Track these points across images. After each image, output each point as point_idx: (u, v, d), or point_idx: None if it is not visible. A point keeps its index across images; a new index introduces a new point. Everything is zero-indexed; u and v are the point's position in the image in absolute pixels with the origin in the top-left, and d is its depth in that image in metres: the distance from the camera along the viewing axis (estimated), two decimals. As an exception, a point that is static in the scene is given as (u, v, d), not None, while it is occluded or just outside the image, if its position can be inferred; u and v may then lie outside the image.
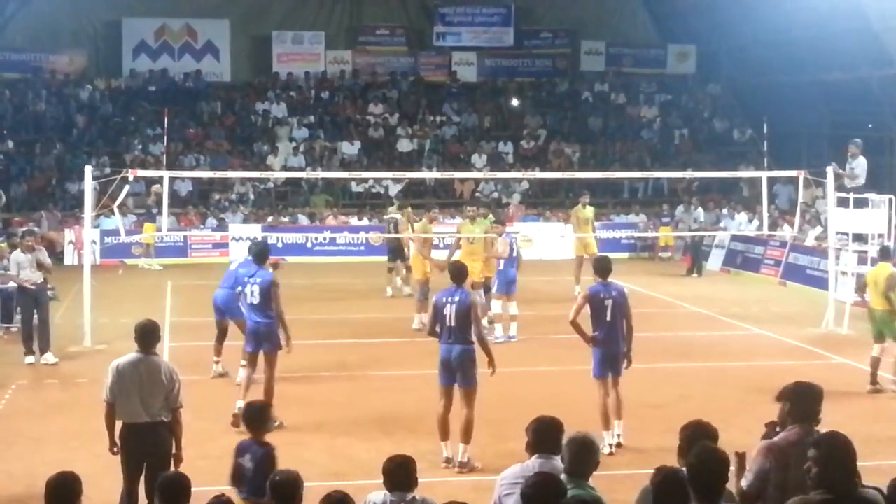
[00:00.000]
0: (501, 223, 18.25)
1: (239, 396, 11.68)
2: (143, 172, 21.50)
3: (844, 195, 18.54)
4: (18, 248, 15.99)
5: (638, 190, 32.15)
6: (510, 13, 35.72)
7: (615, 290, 11.15)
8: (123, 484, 8.33)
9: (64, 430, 11.75)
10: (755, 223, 25.71)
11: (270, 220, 28.49)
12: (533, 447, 6.43)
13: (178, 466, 8.02)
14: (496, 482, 6.47)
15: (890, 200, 18.35)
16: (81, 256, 21.74)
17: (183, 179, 28.77)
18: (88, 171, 17.15)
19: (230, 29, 34.03)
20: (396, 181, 29.67)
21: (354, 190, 31.32)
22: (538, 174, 28.51)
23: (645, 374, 13.40)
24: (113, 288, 21.25)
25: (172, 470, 7.51)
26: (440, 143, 33.20)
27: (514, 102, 35.37)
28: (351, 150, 32.18)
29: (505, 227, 18.52)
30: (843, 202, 18.62)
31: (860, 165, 18.86)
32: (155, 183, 24.62)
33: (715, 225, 27.36)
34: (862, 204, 18.58)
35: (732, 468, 5.78)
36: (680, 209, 27.81)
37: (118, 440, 8.34)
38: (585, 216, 22.81)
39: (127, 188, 19.21)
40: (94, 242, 22.91)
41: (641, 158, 32.82)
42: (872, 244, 18.37)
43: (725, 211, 28.71)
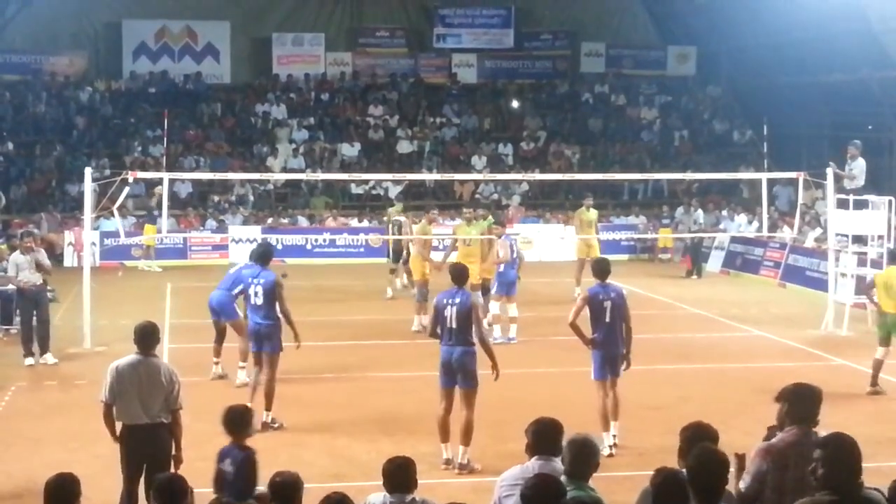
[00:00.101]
0: (501, 225, 18.23)
1: (241, 398, 11.65)
2: (142, 174, 21.53)
3: (844, 197, 18.53)
4: (18, 249, 16.00)
5: (638, 191, 32.14)
6: (510, 15, 35.72)
7: (614, 291, 11.13)
8: (123, 485, 8.33)
9: (63, 431, 11.75)
10: (755, 225, 25.70)
11: (270, 221, 28.48)
12: (533, 449, 6.43)
13: (177, 468, 8.02)
14: (496, 483, 6.48)
15: (890, 202, 18.33)
16: (81, 258, 21.75)
17: (183, 181, 28.77)
18: (88, 172, 17.14)
19: (230, 31, 34.05)
20: (396, 183, 29.67)
21: (354, 192, 31.33)
22: (538, 176, 28.54)
23: (645, 375, 13.40)
24: (112, 290, 21.25)
25: (168, 472, 7.48)
26: (440, 144, 33.20)
27: (514, 104, 35.38)
28: (351, 151, 32.18)
29: (505, 228, 18.50)
30: (842, 204, 18.60)
31: (859, 167, 18.86)
32: (157, 185, 24.61)
33: (715, 226, 27.33)
34: (862, 205, 18.55)
35: (732, 469, 5.77)
36: (680, 211, 27.81)
37: (118, 441, 8.34)
38: (589, 219, 22.77)
39: (127, 190, 19.19)
40: (93, 244, 22.89)
41: (641, 160, 32.80)
42: (872, 246, 18.38)
43: (725, 212, 28.69)
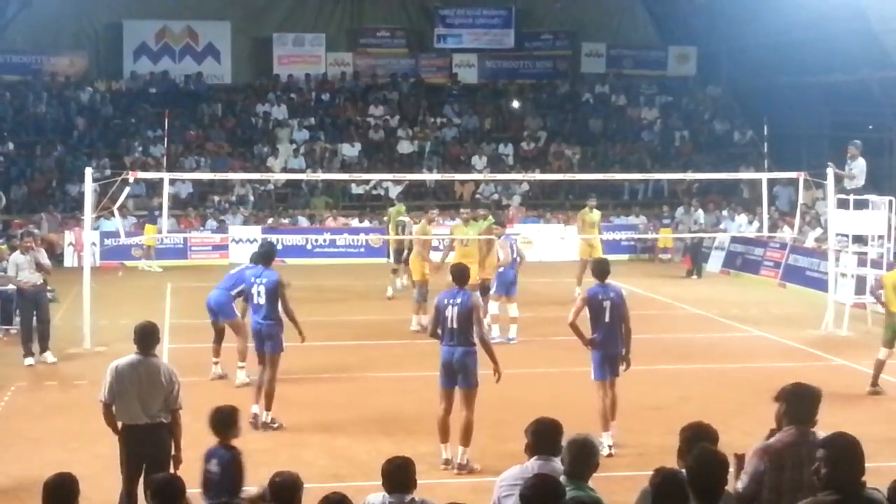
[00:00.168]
0: (501, 225, 18.22)
1: (241, 398, 11.64)
2: (143, 175, 21.52)
3: (844, 197, 18.53)
4: (18, 249, 16.00)
5: (638, 192, 32.13)
6: (511, 15, 35.72)
7: (613, 291, 11.13)
8: (123, 485, 8.32)
9: (63, 431, 11.74)
10: (755, 225, 25.70)
11: (270, 221, 28.47)
12: (532, 449, 6.42)
13: (177, 468, 8.01)
14: (495, 484, 6.47)
15: (890, 202, 18.33)
16: (81, 258, 21.74)
17: (183, 181, 28.77)
18: (89, 173, 17.15)
19: (231, 31, 34.05)
20: (397, 183, 29.67)
21: (354, 192, 31.33)
22: (538, 176, 28.54)
23: (645, 375, 13.40)
24: (112, 290, 21.25)
25: (165, 472, 7.46)
26: (440, 144, 33.20)
27: (514, 104, 35.38)
28: (351, 151, 32.18)
29: (505, 229, 18.49)
30: (843, 204, 18.59)
31: (858, 167, 18.85)
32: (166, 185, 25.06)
33: (715, 226, 27.32)
34: (862, 205, 18.54)
35: (732, 470, 5.76)
36: (680, 211, 27.80)
37: (118, 442, 8.34)
38: (592, 219, 22.71)
39: (127, 190, 19.19)
40: (93, 244, 22.90)
41: (642, 160, 32.80)
42: (872, 246, 18.37)
43: (725, 212, 28.68)
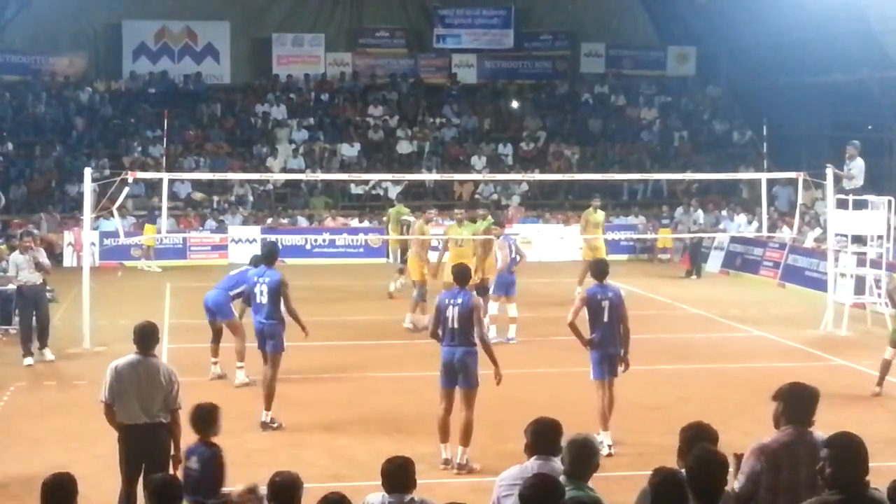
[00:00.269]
0: (500, 225, 18.21)
1: (242, 397, 11.66)
2: (142, 175, 21.52)
3: (844, 197, 18.53)
4: (17, 249, 15.99)
5: (637, 192, 32.12)
6: (510, 15, 35.71)
7: (612, 291, 11.13)
8: (122, 485, 8.32)
9: (62, 431, 11.74)
10: (754, 225, 25.69)
11: (270, 221, 28.46)
12: (532, 448, 6.42)
13: (176, 468, 8.00)
14: (495, 483, 6.46)
15: (889, 202, 18.34)
16: (81, 258, 21.73)
17: (182, 181, 28.77)
18: (88, 173, 17.13)
19: (230, 31, 34.03)
20: (396, 183, 29.67)
21: (354, 192, 31.32)
22: (538, 176, 28.53)
23: (644, 375, 13.39)
24: (112, 290, 21.25)
25: (163, 473, 7.45)
26: (440, 144, 33.19)
27: (513, 104, 35.37)
28: (350, 151, 32.17)
29: (504, 229, 18.48)
30: (842, 204, 18.59)
31: (857, 167, 18.85)
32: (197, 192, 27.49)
33: (714, 227, 27.33)
34: (861, 206, 18.55)
35: (732, 470, 5.76)
36: (679, 211, 27.80)
37: (117, 442, 8.34)
38: (596, 220, 22.66)
39: (126, 190, 19.18)
40: (93, 244, 22.87)
41: (641, 160, 32.79)
42: (871, 246, 18.37)
43: (725, 213, 28.68)
